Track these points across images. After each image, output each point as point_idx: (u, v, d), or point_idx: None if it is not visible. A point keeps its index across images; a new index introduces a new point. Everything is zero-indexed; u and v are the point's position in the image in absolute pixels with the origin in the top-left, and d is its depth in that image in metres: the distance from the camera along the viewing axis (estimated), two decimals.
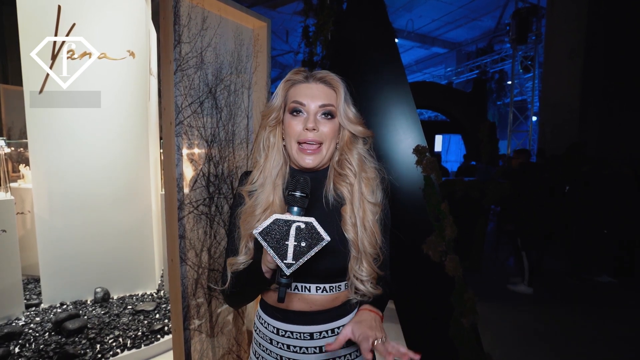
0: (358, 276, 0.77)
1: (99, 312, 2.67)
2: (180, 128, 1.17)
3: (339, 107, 0.79)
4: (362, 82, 1.66)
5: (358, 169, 0.81)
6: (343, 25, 2.15)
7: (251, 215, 0.79)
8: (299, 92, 0.79)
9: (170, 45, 1.12)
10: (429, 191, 1.51)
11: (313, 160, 0.78)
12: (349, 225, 0.77)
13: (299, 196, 0.69)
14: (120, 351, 2.21)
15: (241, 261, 0.80)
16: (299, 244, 0.64)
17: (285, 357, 0.81)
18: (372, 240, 0.77)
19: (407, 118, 1.58)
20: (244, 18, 1.42)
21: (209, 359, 1.37)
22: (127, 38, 2.81)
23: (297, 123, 0.78)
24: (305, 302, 0.79)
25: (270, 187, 0.80)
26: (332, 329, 0.80)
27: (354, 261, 0.76)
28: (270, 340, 0.83)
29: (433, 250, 1.51)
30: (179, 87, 1.16)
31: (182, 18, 1.16)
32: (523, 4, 8.99)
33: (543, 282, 4.09)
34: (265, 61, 1.51)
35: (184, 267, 1.22)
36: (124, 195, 2.90)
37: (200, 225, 1.30)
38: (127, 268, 2.98)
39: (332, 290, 0.79)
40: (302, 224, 0.64)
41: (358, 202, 0.78)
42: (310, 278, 0.78)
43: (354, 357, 0.83)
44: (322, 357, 0.80)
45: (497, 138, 6.49)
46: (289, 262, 0.64)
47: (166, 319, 2.60)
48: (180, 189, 1.19)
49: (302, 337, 0.79)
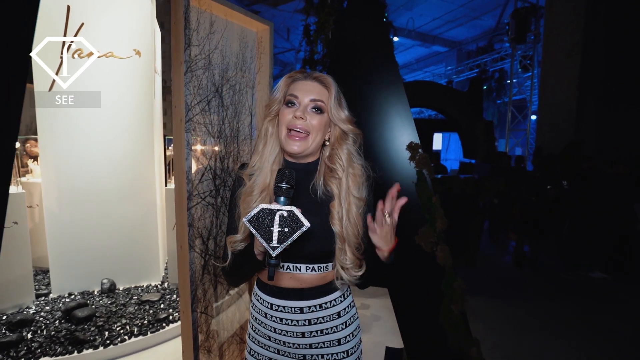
0: (342, 264, 0.86)
1: (106, 302, 2.77)
2: (189, 125, 1.27)
3: (330, 103, 0.89)
4: (360, 83, 1.75)
5: (346, 164, 0.89)
6: (342, 25, 2.24)
7: (250, 195, 0.89)
8: (296, 87, 0.89)
9: (180, 48, 1.21)
10: (421, 185, 1.60)
11: (299, 147, 0.87)
12: (336, 220, 0.86)
13: (285, 187, 0.78)
14: (127, 338, 2.31)
15: (239, 239, 0.89)
16: (283, 229, 0.73)
17: (278, 329, 0.91)
18: (355, 232, 0.86)
19: (402, 117, 1.68)
20: (248, 21, 1.51)
21: (214, 340, 1.47)
22: (133, 37, 2.90)
23: (289, 112, 0.87)
24: (296, 280, 0.89)
25: (267, 171, 0.89)
26: (320, 304, 0.90)
27: (339, 251, 0.86)
28: (265, 314, 0.93)
29: (425, 241, 1.61)
30: (189, 87, 1.25)
31: (192, 22, 1.25)
32: (522, 4, 9.05)
33: (536, 278, 4.19)
34: (268, 62, 1.60)
35: (192, 254, 1.32)
36: (130, 190, 3.00)
37: (207, 215, 1.40)
38: (133, 260, 3.08)
39: (320, 270, 0.89)
40: (285, 212, 0.73)
41: (344, 196, 0.87)
42: (301, 259, 0.87)
43: (338, 330, 0.92)
44: (311, 329, 0.90)
45: (495, 136, 6.58)
46: (274, 245, 0.73)
47: (171, 309, 2.70)
48: (189, 181, 1.28)
49: (293, 311, 0.89)
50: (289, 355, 0.93)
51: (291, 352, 0.92)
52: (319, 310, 0.90)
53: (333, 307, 0.91)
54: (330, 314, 0.91)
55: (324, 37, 6.38)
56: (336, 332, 0.92)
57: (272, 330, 0.92)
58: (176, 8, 1.21)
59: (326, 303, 0.91)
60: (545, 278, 4.21)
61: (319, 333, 0.91)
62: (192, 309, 1.33)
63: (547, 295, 3.72)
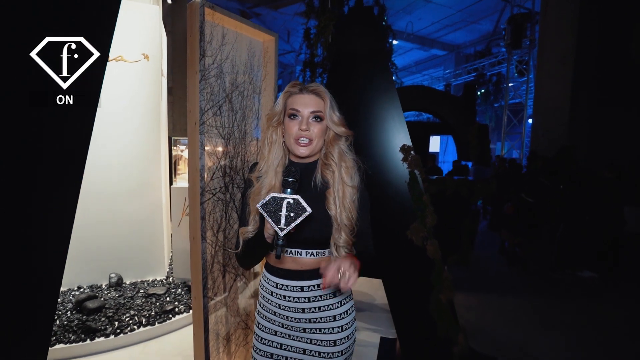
0: (337, 242, 1.01)
1: (114, 295, 2.90)
2: (203, 127, 1.41)
3: (326, 112, 1.04)
4: (357, 90, 1.90)
5: (338, 160, 1.05)
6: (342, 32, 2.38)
7: (258, 194, 1.04)
8: (295, 101, 1.04)
9: (196, 59, 1.35)
10: (413, 184, 1.74)
11: (306, 151, 1.03)
12: (331, 204, 1.01)
13: (291, 181, 0.94)
14: (136, 327, 2.45)
15: (250, 230, 1.05)
16: (289, 214, 0.88)
17: (282, 306, 1.06)
18: (349, 215, 1.01)
19: (395, 122, 1.82)
20: (256, 33, 1.65)
21: (223, 324, 1.61)
22: (142, 42, 3.04)
23: (294, 125, 1.03)
24: (297, 263, 1.04)
25: (272, 174, 1.05)
26: (317, 283, 1.04)
27: (335, 232, 1.01)
28: (271, 292, 1.08)
29: (416, 236, 1.75)
30: (203, 93, 1.39)
31: (206, 35, 1.39)
32: (518, 10, 9.24)
33: (527, 277, 4.34)
34: (273, 70, 1.75)
35: (203, 244, 1.46)
36: (137, 188, 3.13)
37: (217, 209, 1.54)
38: (139, 255, 3.21)
39: (318, 254, 1.04)
40: (291, 200, 0.88)
41: (338, 186, 1.03)
42: (301, 245, 1.03)
43: (334, 308, 1.06)
44: (310, 306, 1.05)
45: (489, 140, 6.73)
46: (282, 227, 0.88)
47: (176, 302, 2.84)
48: (202, 179, 1.42)
49: (295, 289, 1.04)
50: (291, 328, 1.07)
51: (293, 325, 1.07)
52: (316, 289, 1.04)
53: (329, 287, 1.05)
54: (327, 293, 1.05)
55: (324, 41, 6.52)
56: (332, 310, 1.06)
57: (277, 306, 1.06)
58: (192, 23, 1.35)
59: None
60: (535, 276, 4.36)
61: (317, 310, 1.05)
62: (203, 295, 1.47)
63: (537, 292, 3.86)
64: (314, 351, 1.06)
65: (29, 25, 0.96)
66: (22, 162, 0.98)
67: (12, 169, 0.96)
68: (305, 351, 1.06)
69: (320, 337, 1.05)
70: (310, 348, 1.06)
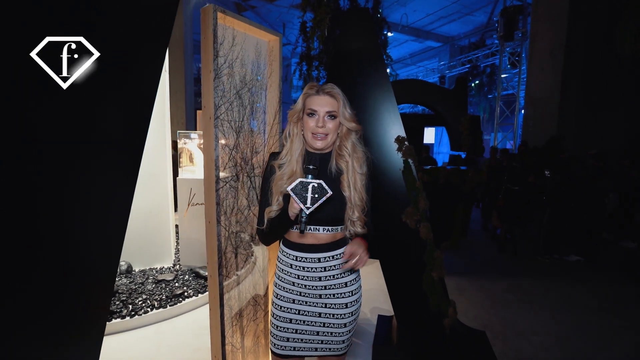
0: (351, 218, 1.19)
1: (125, 282, 3.05)
2: (216, 122, 1.55)
3: (339, 110, 1.20)
4: (355, 85, 2.05)
5: (351, 151, 1.23)
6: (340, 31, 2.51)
7: (280, 179, 1.21)
8: (313, 101, 1.20)
9: (210, 59, 1.49)
10: (407, 172, 1.91)
11: (322, 144, 1.20)
12: (345, 187, 1.19)
13: (312, 168, 1.12)
14: (150, 310, 2.61)
15: (275, 209, 1.21)
16: (314, 195, 1.06)
17: (301, 276, 1.23)
18: (360, 197, 1.20)
19: (391, 115, 1.98)
20: (262, 34, 1.79)
21: (235, 299, 1.77)
22: None
23: (312, 122, 1.20)
24: (315, 238, 1.22)
25: (294, 162, 1.22)
26: (332, 255, 1.22)
27: (349, 210, 1.19)
28: (290, 265, 1.24)
29: (410, 219, 1.92)
30: (216, 91, 1.53)
31: (219, 37, 1.53)
32: (511, 2, 9.37)
33: (515, 262, 4.57)
34: (278, 67, 1.89)
35: (218, 227, 1.61)
36: (145, 180, 3.25)
37: (230, 196, 1.69)
38: (147, 244, 3.36)
39: (333, 230, 1.22)
40: (315, 183, 1.06)
41: (351, 173, 1.21)
42: (319, 222, 1.20)
43: (345, 276, 1.24)
44: (325, 274, 1.22)
45: (482, 131, 6.91)
46: (308, 206, 1.06)
47: (185, 287, 3.00)
48: (217, 168, 1.57)
49: (312, 261, 1.22)
50: (308, 295, 1.25)
51: (310, 292, 1.24)
52: (331, 260, 1.22)
53: (342, 258, 1.22)
54: (340, 263, 1.22)
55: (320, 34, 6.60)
56: (344, 277, 1.24)
57: (296, 277, 1.24)
58: (206, 26, 1.49)
59: (337, 255, 1.23)
60: (524, 260, 4.59)
61: (332, 277, 1.23)
62: (218, 273, 1.63)
63: (525, 275, 4.09)
64: (328, 314, 1.24)
65: (29, 25, 0.94)
66: (22, 162, 0.96)
67: (12, 169, 0.94)
68: (321, 314, 1.24)
69: (334, 301, 1.24)
70: (325, 311, 1.24)
